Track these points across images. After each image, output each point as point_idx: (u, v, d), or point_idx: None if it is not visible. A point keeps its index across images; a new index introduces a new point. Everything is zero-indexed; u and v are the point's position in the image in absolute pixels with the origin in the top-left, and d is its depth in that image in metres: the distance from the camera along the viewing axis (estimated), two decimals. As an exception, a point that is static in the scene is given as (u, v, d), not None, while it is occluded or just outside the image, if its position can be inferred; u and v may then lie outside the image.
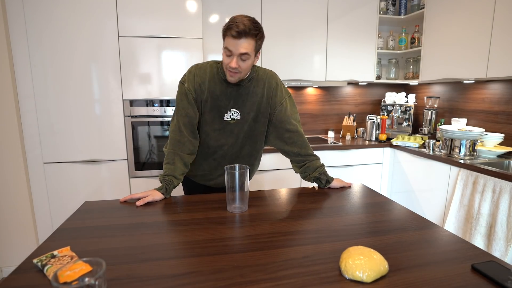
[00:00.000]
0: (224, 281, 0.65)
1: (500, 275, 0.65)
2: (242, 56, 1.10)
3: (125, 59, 2.05)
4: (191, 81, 1.23)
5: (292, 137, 1.32)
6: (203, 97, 1.23)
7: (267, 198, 1.18)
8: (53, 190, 2.09)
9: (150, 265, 0.71)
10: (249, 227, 0.92)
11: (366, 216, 1.00)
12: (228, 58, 1.11)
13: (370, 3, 2.66)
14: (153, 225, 0.93)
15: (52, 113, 2.02)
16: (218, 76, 1.23)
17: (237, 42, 1.07)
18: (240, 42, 1.07)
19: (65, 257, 0.71)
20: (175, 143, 1.23)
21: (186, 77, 1.25)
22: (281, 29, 2.51)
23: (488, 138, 2.13)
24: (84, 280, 0.54)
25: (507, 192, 1.63)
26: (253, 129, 1.31)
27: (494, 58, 1.97)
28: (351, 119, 2.96)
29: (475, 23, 2.10)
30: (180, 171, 1.22)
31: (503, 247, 1.64)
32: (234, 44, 1.07)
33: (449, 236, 0.86)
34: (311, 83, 2.66)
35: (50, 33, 1.94)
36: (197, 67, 1.25)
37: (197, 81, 1.23)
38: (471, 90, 2.48)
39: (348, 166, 2.56)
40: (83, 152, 2.09)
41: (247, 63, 1.14)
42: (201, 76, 1.23)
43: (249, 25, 1.06)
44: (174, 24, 2.08)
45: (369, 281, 0.64)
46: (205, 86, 1.23)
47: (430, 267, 0.70)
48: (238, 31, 1.05)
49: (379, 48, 2.86)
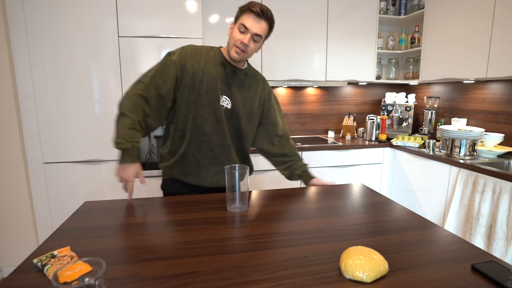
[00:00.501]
0: (224, 281, 0.65)
1: (500, 275, 0.65)
2: (255, 37, 1.13)
3: (125, 59, 2.05)
4: (182, 58, 1.17)
5: (281, 140, 1.38)
6: (195, 79, 1.17)
7: (267, 198, 1.17)
8: (53, 190, 2.08)
9: (150, 265, 0.71)
10: (249, 227, 0.92)
11: (366, 216, 1.00)
12: (241, 34, 1.13)
13: (370, 3, 2.66)
14: (153, 225, 0.93)
15: (52, 113, 2.02)
16: (215, 58, 1.20)
17: (257, 20, 1.11)
18: (259, 21, 1.11)
19: (65, 257, 0.71)
20: (141, 112, 1.12)
21: (178, 52, 1.18)
22: (281, 29, 2.51)
23: (488, 138, 2.13)
24: (84, 280, 0.54)
25: (507, 192, 1.63)
26: (247, 126, 1.29)
27: (494, 58, 1.97)
28: (351, 119, 2.96)
29: (475, 23, 2.09)
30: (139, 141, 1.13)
31: (503, 247, 1.64)
32: (253, 22, 1.10)
33: (449, 236, 0.86)
34: (311, 83, 2.66)
35: (50, 33, 1.94)
36: (192, 47, 1.20)
37: (189, 61, 1.17)
38: (471, 90, 2.48)
39: (348, 166, 2.56)
40: (83, 152, 2.09)
41: (256, 46, 1.17)
42: (195, 56, 1.18)
43: (269, 12, 1.14)
44: (174, 24, 2.08)
45: (369, 281, 0.64)
46: (200, 67, 1.17)
47: (430, 267, 0.70)
48: (262, 10, 1.10)
49: (379, 48, 2.86)
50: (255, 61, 2.48)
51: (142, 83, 1.15)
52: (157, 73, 1.16)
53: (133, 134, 1.10)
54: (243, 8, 1.13)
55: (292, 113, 2.99)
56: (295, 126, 3.03)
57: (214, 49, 1.23)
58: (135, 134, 1.11)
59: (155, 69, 1.17)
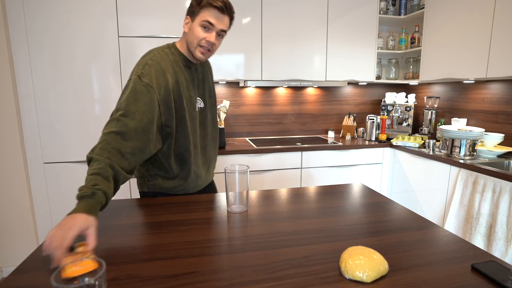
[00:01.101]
0: (224, 281, 0.65)
1: (500, 275, 0.65)
2: (219, 33, 1.04)
3: (125, 59, 2.05)
4: (159, 81, 0.99)
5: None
6: (178, 96, 1.06)
7: (267, 198, 1.17)
8: (53, 190, 2.08)
9: (150, 265, 0.71)
10: (249, 227, 0.92)
11: (366, 216, 1.00)
12: (205, 33, 1.02)
13: (370, 3, 2.66)
14: (153, 225, 0.93)
15: (52, 113, 2.02)
16: (178, 63, 1.07)
17: (220, 16, 1.01)
18: (223, 16, 1.02)
19: (81, 253, 0.70)
20: (113, 152, 0.89)
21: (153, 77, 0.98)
22: (281, 29, 2.51)
23: (488, 138, 2.13)
24: (84, 280, 0.54)
25: (507, 192, 1.63)
26: (213, 116, 1.26)
27: (494, 58, 1.97)
28: (351, 119, 2.97)
29: (475, 23, 2.10)
30: (112, 192, 0.86)
31: (503, 247, 1.64)
32: (217, 18, 1.00)
33: (449, 236, 0.86)
34: (311, 83, 2.66)
35: (50, 33, 1.93)
36: (156, 61, 1.02)
37: (166, 80, 1.01)
38: (471, 90, 2.48)
39: (348, 166, 2.56)
40: (83, 152, 2.09)
41: (220, 42, 1.08)
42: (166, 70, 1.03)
43: (230, 4, 1.04)
44: (174, 24, 2.08)
45: (369, 281, 0.64)
46: (174, 81, 1.04)
47: (430, 267, 0.70)
48: (224, 4, 0.99)
49: (379, 48, 2.86)
50: (255, 61, 2.48)
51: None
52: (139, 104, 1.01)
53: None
54: (202, 3, 0.99)
55: (292, 113, 2.99)
56: (295, 126, 3.03)
57: (172, 51, 1.09)
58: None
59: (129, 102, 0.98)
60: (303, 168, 2.46)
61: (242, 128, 2.89)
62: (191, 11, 1.04)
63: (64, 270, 0.54)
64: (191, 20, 1.04)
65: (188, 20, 1.06)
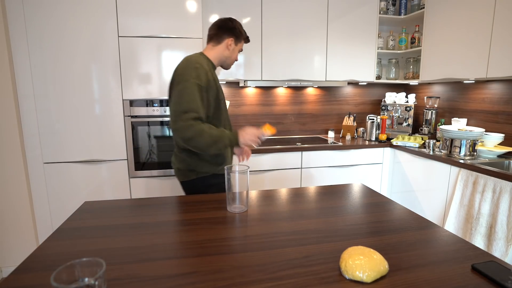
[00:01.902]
0: (224, 281, 0.65)
1: (500, 275, 0.65)
2: None
3: (125, 59, 2.05)
4: (203, 77, 1.30)
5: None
6: (214, 90, 1.36)
7: (267, 198, 1.18)
8: (53, 190, 2.08)
9: (150, 265, 0.71)
10: (249, 227, 0.92)
11: (366, 216, 1.00)
12: (237, 55, 1.51)
13: (370, 3, 2.66)
14: (153, 225, 0.93)
15: (52, 113, 2.02)
16: (209, 66, 1.39)
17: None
18: None
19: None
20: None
21: (201, 74, 1.30)
22: (281, 29, 2.51)
23: (488, 138, 2.13)
24: (84, 280, 0.54)
25: (507, 192, 1.63)
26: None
27: (494, 58, 1.97)
28: (351, 119, 2.97)
29: (475, 23, 2.09)
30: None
31: (503, 247, 1.64)
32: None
33: (449, 236, 0.86)
34: (311, 83, 2.66)
35: (50, 33, 1.93)
36: (197, 62, 1.32)
37: (209, 76, 1.33)
38: (471, 90, 2.48)
39: (348, 166, 2.56)
40: (83, 152, 2.09)
41: None
42: (207, 69, 1.35)
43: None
44: (174, 24, 2.08)
45: (369, 281, 0.64)
46: (212, 77, 1.36)
47: (430, 267, 0.70)
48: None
49: (379, 48, 2.86)
50: (256, 61, 2.48)
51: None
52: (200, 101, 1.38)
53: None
54: (245, 36, 1.47)
55: (292, 113, 2.99)
56: (295, 126, 3.03)
57: (203, 56, 1.40)
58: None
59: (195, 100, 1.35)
60: (303, 168, 2.46)
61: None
62: (237, 38, 1.44)
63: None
64: (235, 44, 1.45)
65: (232, 43, 1.43)
